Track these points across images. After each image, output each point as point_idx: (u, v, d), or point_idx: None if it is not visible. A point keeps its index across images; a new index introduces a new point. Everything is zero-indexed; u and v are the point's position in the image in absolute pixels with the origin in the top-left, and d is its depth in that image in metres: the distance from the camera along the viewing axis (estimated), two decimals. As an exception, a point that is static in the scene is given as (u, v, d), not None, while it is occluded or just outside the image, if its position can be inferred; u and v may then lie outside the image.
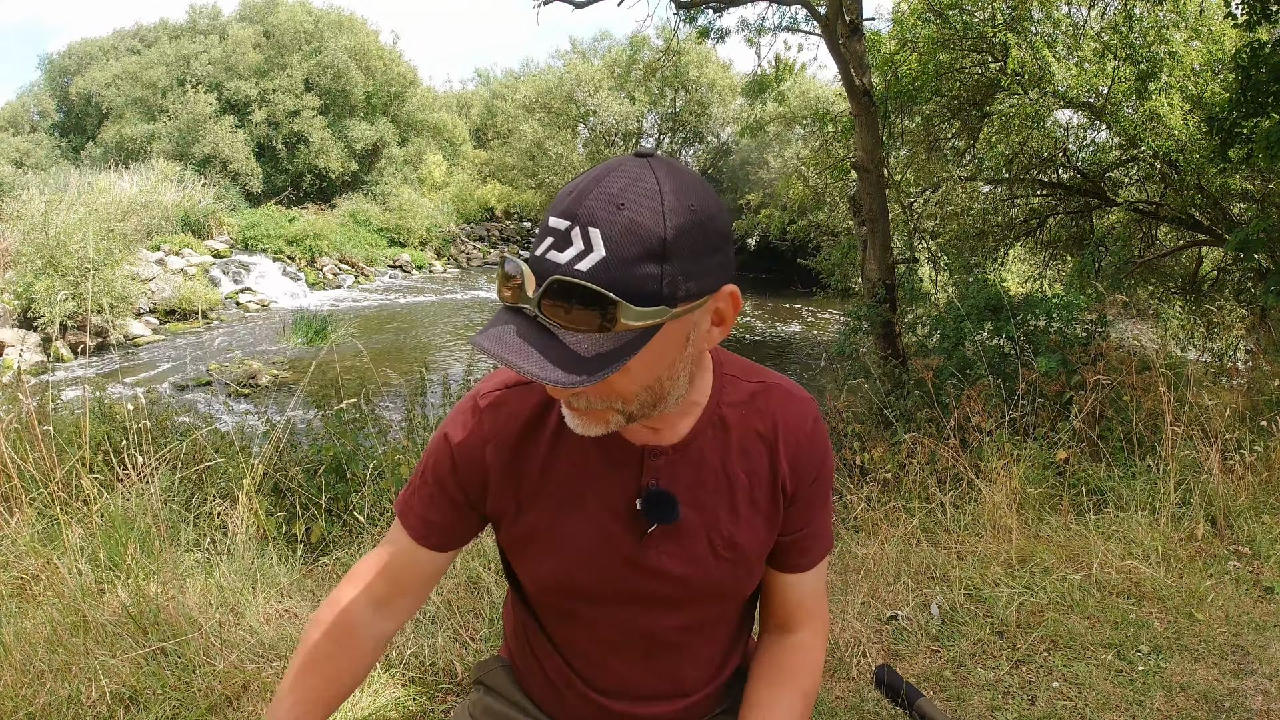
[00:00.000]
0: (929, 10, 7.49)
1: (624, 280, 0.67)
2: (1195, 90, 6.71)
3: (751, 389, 0.93)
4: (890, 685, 1.68)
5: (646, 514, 0.88)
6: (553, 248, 0.69)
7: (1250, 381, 4.18)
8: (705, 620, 0.97)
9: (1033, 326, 4.42)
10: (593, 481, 0.89)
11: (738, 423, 0.91)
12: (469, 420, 0.91)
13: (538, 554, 0.92)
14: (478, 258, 22.45)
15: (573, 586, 0.92)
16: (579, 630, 0.96)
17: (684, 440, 0.89)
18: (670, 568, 0.90)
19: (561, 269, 0.68)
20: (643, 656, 0.96)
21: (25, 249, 10.44)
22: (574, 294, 0.67)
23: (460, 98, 31.21)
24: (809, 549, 0.98)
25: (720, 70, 22.10)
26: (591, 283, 0.66)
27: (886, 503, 2.96)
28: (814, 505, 0.97)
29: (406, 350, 11.00)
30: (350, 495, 2.88)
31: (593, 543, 0.90)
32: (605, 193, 0.69)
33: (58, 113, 24.18)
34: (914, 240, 8.63)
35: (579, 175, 0.74)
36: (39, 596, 2.05)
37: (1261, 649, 2.10)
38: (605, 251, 0.67)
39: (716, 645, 1.01)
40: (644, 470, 0.88)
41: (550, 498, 0.90)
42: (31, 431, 2.56)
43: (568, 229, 0.69)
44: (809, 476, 0.94)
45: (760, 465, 0.92)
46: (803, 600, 1.01)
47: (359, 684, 1.00)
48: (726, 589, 0.95)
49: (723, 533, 0.91)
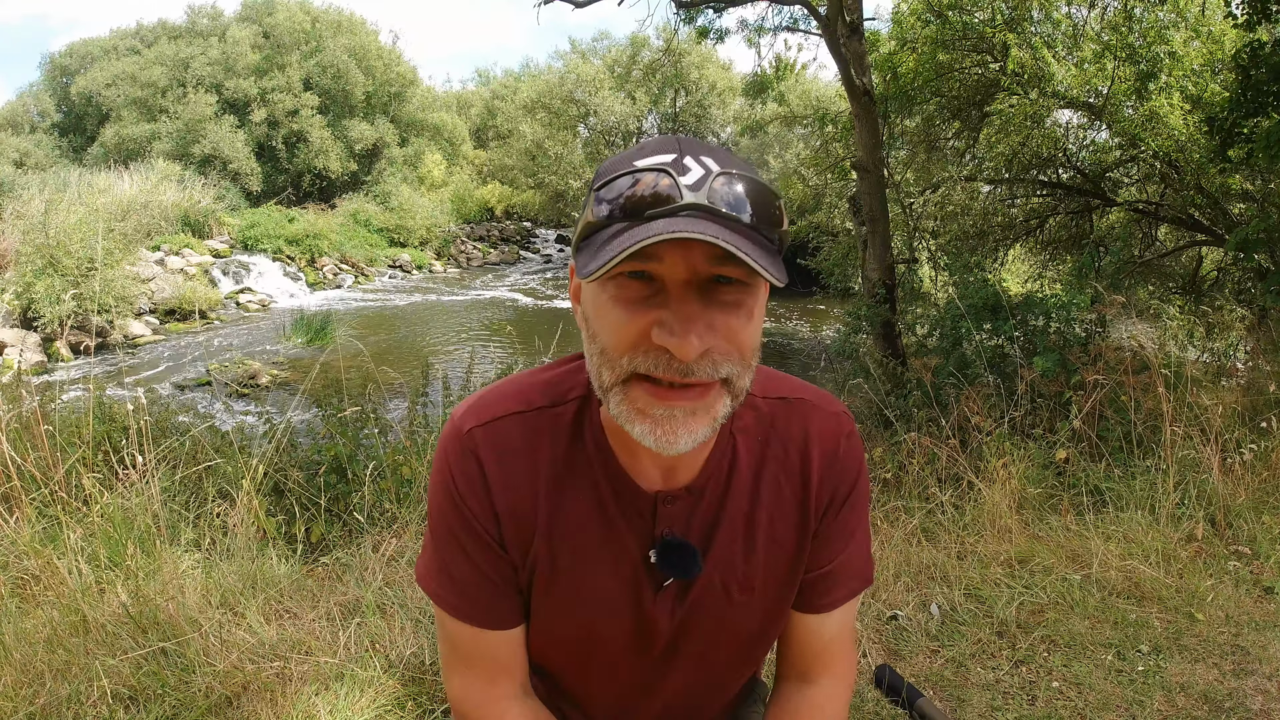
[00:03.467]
0: (929, 10, 7.49)
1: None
2: (1195, 90, 6.71)
3: (772, 407, 0.83)
4: (890, 685, 1.68)
5: (662, 567, 0.80)
6: (660, 171, 0.62)
7: (1250, 381, 4.18)
8: (721, 666, 0.89)
9: (1032, 326, 4.41)
10: (604, 531, 0.80)
11: (758, 451, 0.82)
12: (463, 461, 0.79)
13: (551, 609, 0.83)
14: (478, 258, 22.44)
15: (591, 644, 0.84)
16: (590, 681, 0.89)
17: (698, 480, 0.80)
18: (683, 619, 0.83)
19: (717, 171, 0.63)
20: (658, 698, 0.90)
21: (25, 249, 10.44)
22: (753, 188, 0.63)
23: (460, 98, 31.23)
24: (835, 585, 0.87)
25: (720, 70, 22.13)
26: (760, 179, 0.63)
27: (886, 503, 2.96)
28: (845, 535, 0.86)
29: (406, 350, 11.00)
30: (350, 495, 2.88)
31: (609, 598, 0.81)
32: (690, 139, 0.66)
33: (58, 113, 24.18)
34: (914, 240, 8.63)
35: (614, 156, 0.69)
36: (39, 596, 2.05)
37: (1261, 649, 2.10)
38: (732, 168, 0.64)
39: (730, 688, 0.94)
40: (657, 519, 0.79)
41: (563, 551, 0.80)
42: (32, 431, 2.56)
43: (675, 159, 0.63)
44: (840, 498, 0.84)
45: (785, 496, 0.82)
46: (826, 646, 0.89)
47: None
48: (744, 637, 0.86)
49: (739, 577, 0.82)
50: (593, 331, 0.68)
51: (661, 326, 0.62)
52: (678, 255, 0.62)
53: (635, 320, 0.64)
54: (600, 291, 0.66)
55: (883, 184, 6.79)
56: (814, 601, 0.87)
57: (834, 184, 11.47)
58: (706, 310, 0.63)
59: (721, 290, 0.64)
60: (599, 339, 0.67)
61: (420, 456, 3.07)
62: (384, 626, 2.05)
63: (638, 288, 0.64)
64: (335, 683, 1.83)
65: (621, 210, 0.62)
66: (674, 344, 0.62)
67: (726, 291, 0.64)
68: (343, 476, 3.04)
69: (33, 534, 2.21)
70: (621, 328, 0.64)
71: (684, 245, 0.61)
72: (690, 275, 0.63)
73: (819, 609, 0.87)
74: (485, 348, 11.72)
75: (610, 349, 0.66)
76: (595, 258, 0.62)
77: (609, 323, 0.65)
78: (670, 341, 0.62)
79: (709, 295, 0.64)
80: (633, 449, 0.77)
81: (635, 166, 0.63)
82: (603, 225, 0.63)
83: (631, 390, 0.66)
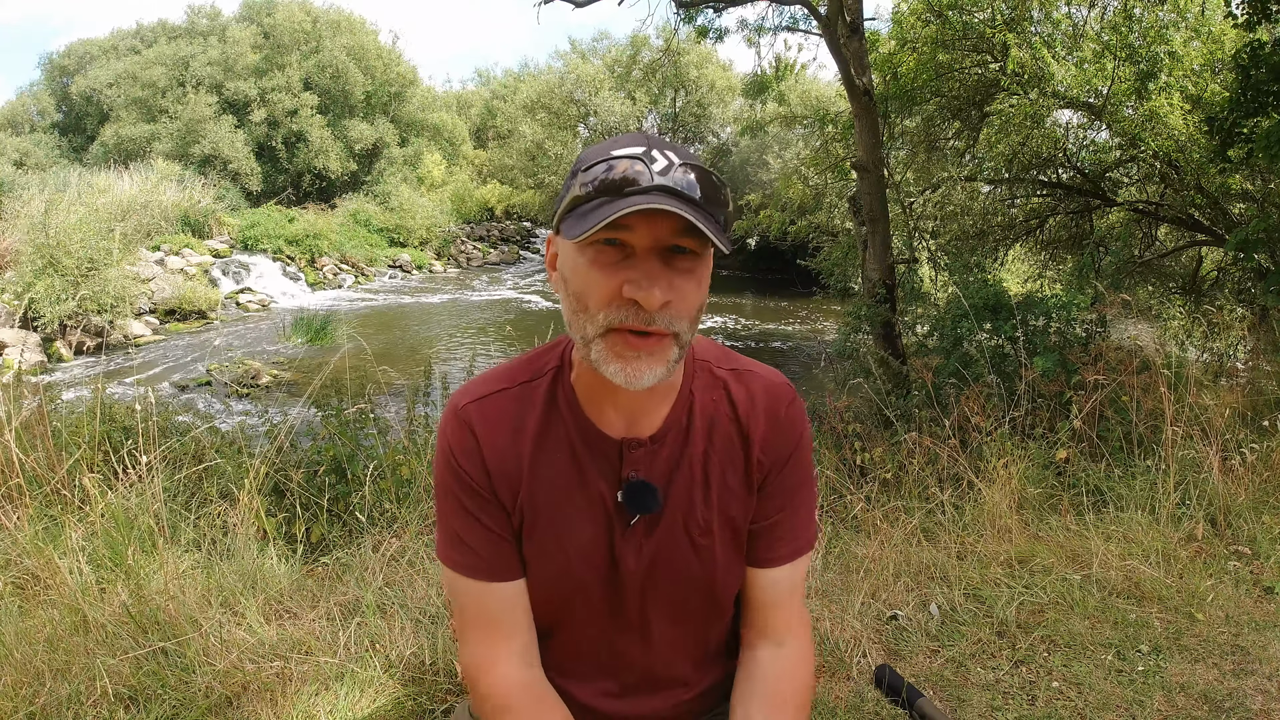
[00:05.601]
0: (929, 10, 7.49)
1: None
2: (1195, 90, 6.70)
3: (725, 375, 0.95)
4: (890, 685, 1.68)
5: (629, 506, 0.91)
6: (635, 159, 0.76)
7: (1250, 381, 4.18)
8: (693, 614, 0.98)
9: (1032, 326, 4.41)
10: (578, 477, 0.91)
11: (711, 409, 0.94)
12: (458, 431, 0.91)
13: (535, 551, 0.92)
14: (478, 258, 22.45)
15: (572, 583, 0.93)
16: (575, 629, 0.97)
17: (660, 430, 0.92)
18: (650, 557, 0.92)
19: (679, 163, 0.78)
20: (640, 651, 0.98)
21: (25, 249, 10.44)
22: (705, 177, 0.77)
23: (460, 98, 31.25)
24: (779, 539, 0.97)
25: (720, 70, 22.13)
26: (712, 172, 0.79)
27: (886, 503, 2.96)
28: (788, 490, 0.96)
29: (407, 350, 11.01)
30: (350, 495, 2.87)
31: (585, 538, 0.92)
32: (652, 135, 0.81)
33: (57, 112, 24.20)
34: (914, 240, 8.62)
35: (590, 147, 0.84)
36: (40, 596, 2.06)
37: (1261, 649, 2.10)
38: (690, 161, 0.78)
39: (708, 643, 1.02)
40: (624, 462, 0.91)
41: (543, 497, 0.91)
42: (33, 430, 2.56)
43: (645, 151, 0.77)
44: (781, 458, 0.95)
45: (734, 450, 0.94)
46: (777, 602, 0.98)
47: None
48: (706, 579, 0.95)
49: (698, 520, 0.93)
50: (574, 292, 0.81)
51: (631, 283, 0.77)
52: (645, 227, 0.76)
53: (610, 279, 0.78)
54: (579, 255, 0.79)
55: (883, 184, 6.78)
56: (761, 555, 0.97)
57: (834, 184, 11.46)
58: (666, 271, 0.78)
59: (678, 259, 0.79)
60: (580, 297, 0.80)
61: (420, 457, 3.07)
62: (384, 626, 2.05)
63: (612, 253, 0.78)
64: (335, 683, 1.84)
65: (601, 188, 0.76)
66: (641, 296, 0.76)
67: (682, 260, 0.79)
68: (343, 477, 3.04)
69: (34, 533, 2.21)
70: (599, 286, 0.78)
71: (650, 218, 0.75)
72: (654, 243, 0.77)
73: (769, 563, 0.98)
74: (485, 348, 11.72)
75: (590, 304, 0.79)
76: (580, 223, 0.76)
77: (588, 282, 0.79)
78: (639, 294, 0.76)
79: (669, 261, 0.78)
80: (600, 403, 0.91)
81: (612, 155, 0.77)
82: (586, 200, 0.77)
83: (610, 339, 0.80)
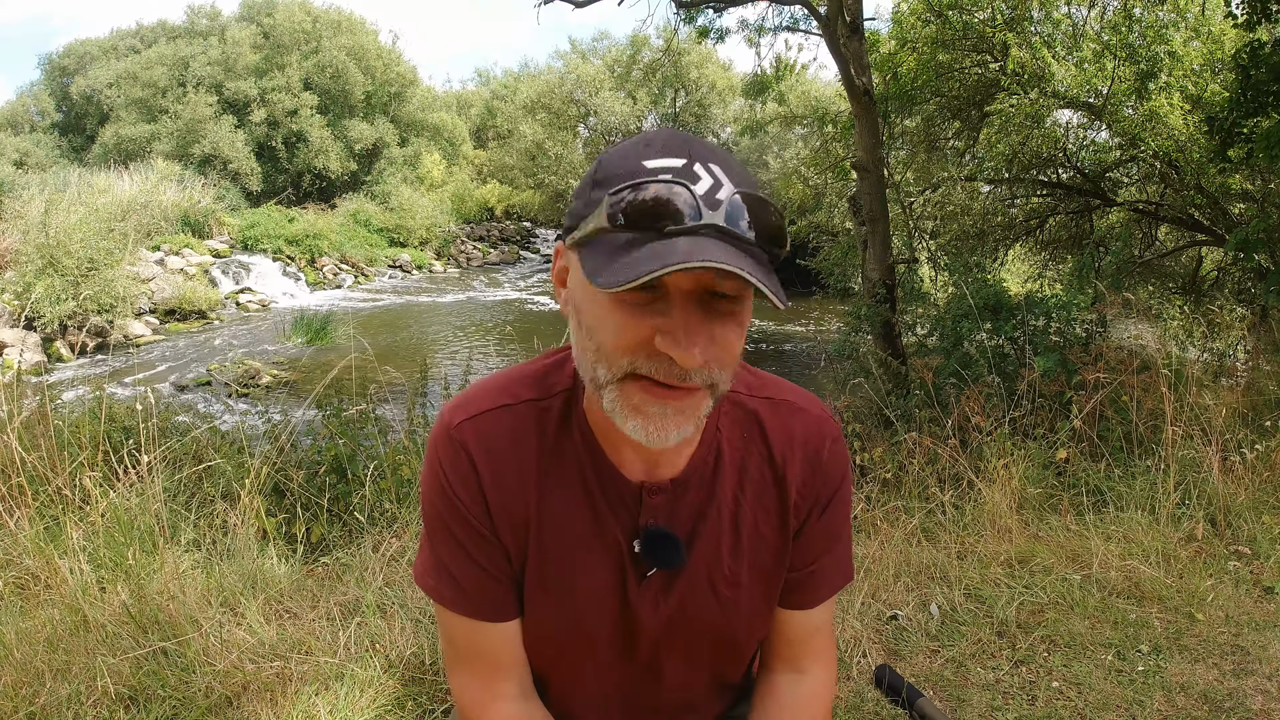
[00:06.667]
0: (929, 10, 7.49)
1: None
2: (1195, 90, 6.71)
3: (757, 406, 0.84)
4: (890, 685, 1.68)
5: (646, 557, 0.80)
6: (675, 183, 0.62)
7: (1250, 381, 4.18)
8: (711, 660, 0.89)
9: (1032, 326, 4.42)
10: (594, 522, 0.81)
11: (742, 448, 0.83)
12: (453, 455, 0.79)
13: (541, 599, 0.83)
14: (477, 258, 22.44)
15: (582, 635, 0.84)
16: (582, 672, 0.88)
17: (683, 474, 0.81)
18: (669, 613, 0.83)
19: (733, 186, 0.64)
20: (651, 690, 0.89)
21: (25, 249, 10.44)
22: (763, 208, 0.64)
23: (460, 98, 31.22)
24: (819, 584, 0.88)
25: (720, 71, 22.12)
26: (768, 198, 0.64)
27: (886, 503, 2.96)
28: (828, 538, 0.87)
29: (406, 350, 11.00)
30: (351, 495, 2.88)
31: (598, 587, 0.82)
32: (689, 137, 0.67)
33: (57, 112, 24.19)
34: (914, 240, 8.63)
35: (613, 146, 0.70)
36: (40, 596, 2.06)
37: (1261, 649, 2.10)
38: (742, 183, 0.65)
39: (724, 676, 0.93)
40: (642, 509, 0.80)
41: (553, 542, 0.81)
42: (33, 430, 2.56)
43: (685, 166, 0.64)
44: (822, 501, 0.85)
45: (768, 494, 0.84)
46: (809, 637, 0.91)
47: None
48: (728, 631, 0.86)
49: (725, 572, 0.83)
50: (588, 327, 0.68)
51: (666, 335, 0.64)
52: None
53: (638, 325, 0.65)
54: (599, 289, 0.64)
55: (883, 184, 6.78)
56: (798, 599, 0.89)
57: (834, 184, 11.47)
58: (707, 322, 0.65)
59: (719, 301, 0.66)
60: (596, 336, 0.67)
61: (420, 456, 3.07)
62: (384, 626, 2.05)
63: (641, 294, 0.65)
64: (335, 683, 1.83)
65: (634, 218, 0.62)
66: (679, 354, 0.64)
67: (723, 303, 0.66)
68: (343, 476, 3.04)
69: (34, 533, 2.21)
70: (623, 331, 0.65)
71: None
72: (695, 287, 0.65)
73: (803, 605, 0.89)
74: (485, 348, 11.72)
75: (610, 349, 0.66)
76: (609, 265, 0.62)
77: (610, 324, 0.66)
78: (675, 351, 0.64)
79: (708, 306, 0.65)
80: (617, 442, 0.79)
81: (645, 168, 0.64)
82: (614, 229, 0.63)
83: (627, 387, 0.67)
